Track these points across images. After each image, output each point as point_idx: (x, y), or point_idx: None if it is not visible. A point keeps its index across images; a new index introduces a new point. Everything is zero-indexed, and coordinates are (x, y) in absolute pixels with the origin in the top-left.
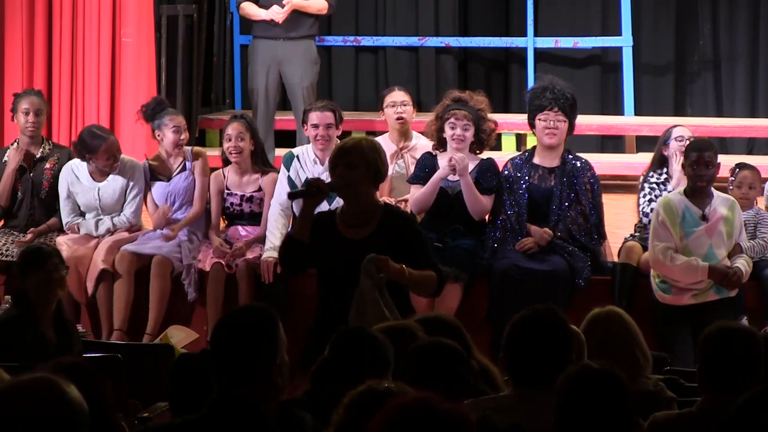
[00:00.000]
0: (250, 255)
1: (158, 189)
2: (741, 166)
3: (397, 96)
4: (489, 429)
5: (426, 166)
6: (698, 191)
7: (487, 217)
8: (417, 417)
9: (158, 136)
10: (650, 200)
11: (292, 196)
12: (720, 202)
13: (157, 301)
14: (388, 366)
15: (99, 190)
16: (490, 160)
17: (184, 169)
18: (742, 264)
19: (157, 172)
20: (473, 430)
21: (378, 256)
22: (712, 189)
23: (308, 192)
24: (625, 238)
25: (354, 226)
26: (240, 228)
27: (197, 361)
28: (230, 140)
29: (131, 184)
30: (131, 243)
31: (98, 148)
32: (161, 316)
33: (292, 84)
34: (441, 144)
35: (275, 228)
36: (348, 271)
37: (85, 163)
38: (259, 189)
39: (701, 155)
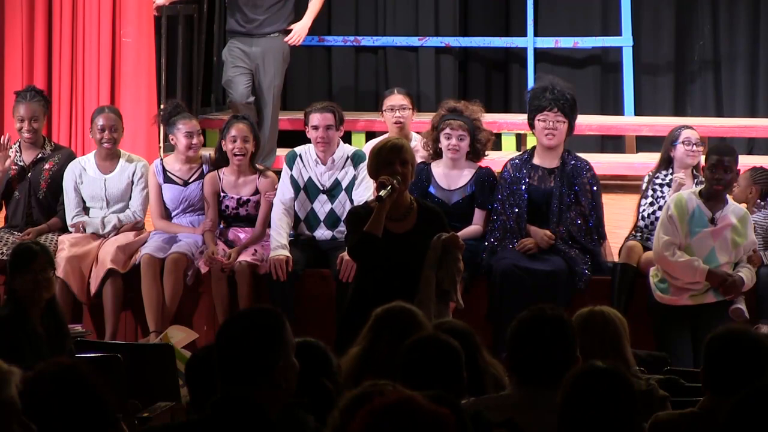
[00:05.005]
0: (248, 257)
1: (172, 192)
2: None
3: (396, 100)
4: (482, 424)
5: (420, 177)
6: (713, 195)
7: None
8: (397, 417)
9: (172, 140)
10: (651, 203)
11: (381, 199)
12: (732, 211)
13: (169, 298)
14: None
15: (106, 181)
16: (488, 171)
17: (202, 175)
18: (745, 274)
19: (171, 174)
20: (453, 430)
21: (452, 235)
22: (728, 197)
23: (393, 191)
24: (626, 238)
25: (396, 220)
26: (239, 231)
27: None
28: (235, 141)
29: (138, 178)
30: (150, 247)
31: (95, 116)
32: (171, 313)
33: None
34: (437, 155)
35: (280, 227)
36: (392, 263)
37: (93, 156)
38: (255, 191)
39: (721, 159)
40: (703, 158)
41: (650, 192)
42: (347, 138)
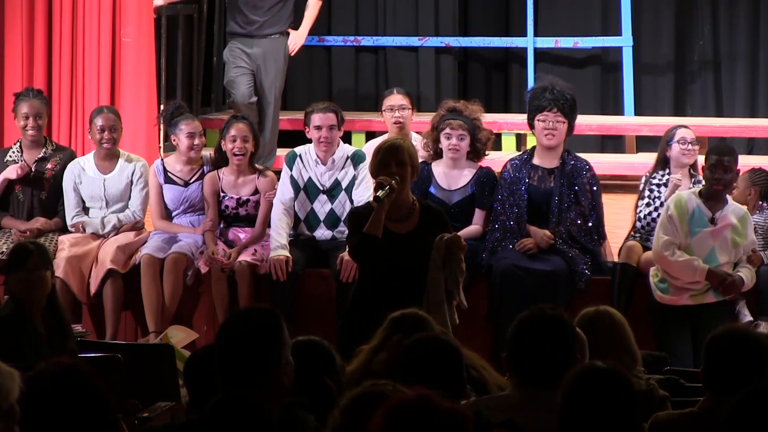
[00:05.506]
0: (248, 257)
1: (173, 192)
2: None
3: (395, 100)
4: (482, 424)
5: (420, 177)
6: (713, 195)
7: None
8: (416, 415)
9: (173, 140)
10: (648, 204)
11: (378, 200)
12: (732, 211)
13: (169, 298)
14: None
15: (105, 181)
16: (488, 171)
17: (202, 176)
18: (745, 274)
19: (172, 174)
20: (472, 427)
21: (454, 235)
22: (727, 196)
23: (391, 191)
24: (625, 238)
25: (397, 221)
26: (239, 231)
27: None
28: (235, 141)
29: (137, 178)
30: (150, 247)
31: (94, 117)
32: (171, 314)
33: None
34: (437, 155)
35: (280, 227)
36: (394, 264)
37: (92, 156)
38: (255, 191)
39: (720, 159)
40: (702, 158)
41: (647, 192)
42: (347, 138)
